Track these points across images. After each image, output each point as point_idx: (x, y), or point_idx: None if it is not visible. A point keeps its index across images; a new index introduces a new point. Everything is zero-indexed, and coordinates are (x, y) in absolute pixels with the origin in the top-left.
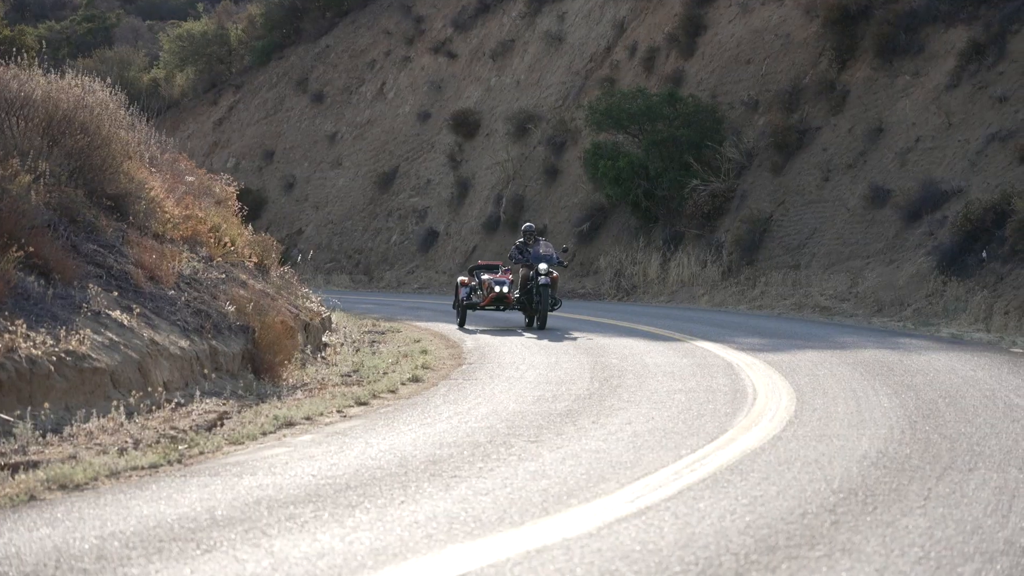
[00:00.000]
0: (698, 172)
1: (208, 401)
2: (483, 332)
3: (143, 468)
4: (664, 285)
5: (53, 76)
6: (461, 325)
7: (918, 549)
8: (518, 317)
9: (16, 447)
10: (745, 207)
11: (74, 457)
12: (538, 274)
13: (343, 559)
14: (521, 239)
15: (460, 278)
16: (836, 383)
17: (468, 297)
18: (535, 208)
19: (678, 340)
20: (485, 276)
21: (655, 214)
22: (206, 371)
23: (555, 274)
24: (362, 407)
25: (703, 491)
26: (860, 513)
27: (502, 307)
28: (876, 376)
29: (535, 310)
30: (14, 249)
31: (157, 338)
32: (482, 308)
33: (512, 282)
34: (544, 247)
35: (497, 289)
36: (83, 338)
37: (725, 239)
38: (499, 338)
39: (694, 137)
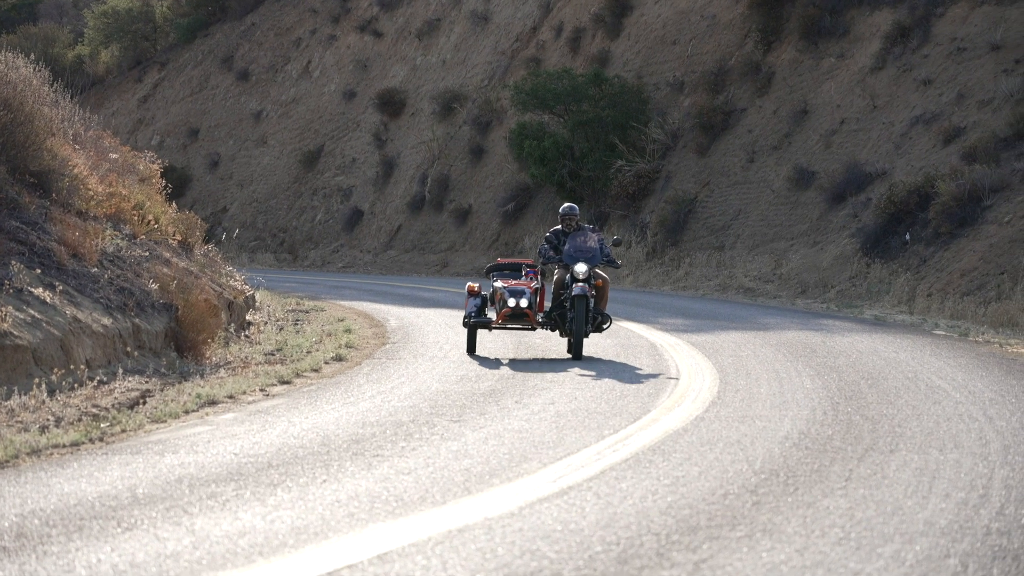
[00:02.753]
0: (623, 153)
1: (131, 379)
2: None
3: (64, 446)
4: None
5: None
6: (470, 351)
7: (838, 530)
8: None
9: None
10: (670, 188)
11: None
12: (574, 280)
13: (264, 537)
14: (558, 227)
15: (469, 284)
16: (759, 364)
17: (478, 312)
18: (460, 188)
19: None
20: (498, 283)
21: (580, 194)
22: (129, 349)
23: (600, 279)
24: (285, 386)
25: (625, 471)
26: (781, 494)
27: (528, 326)
28: (799, 357)
29: (568, 330)
30: None
31: (80, 316)
32: (497, 327)
33: (536, 291)
34: (589, 238)
35: (512, 303)
36: (5, 315)
37: (650, 220)
38: (423, 317)
39: (619, 118)
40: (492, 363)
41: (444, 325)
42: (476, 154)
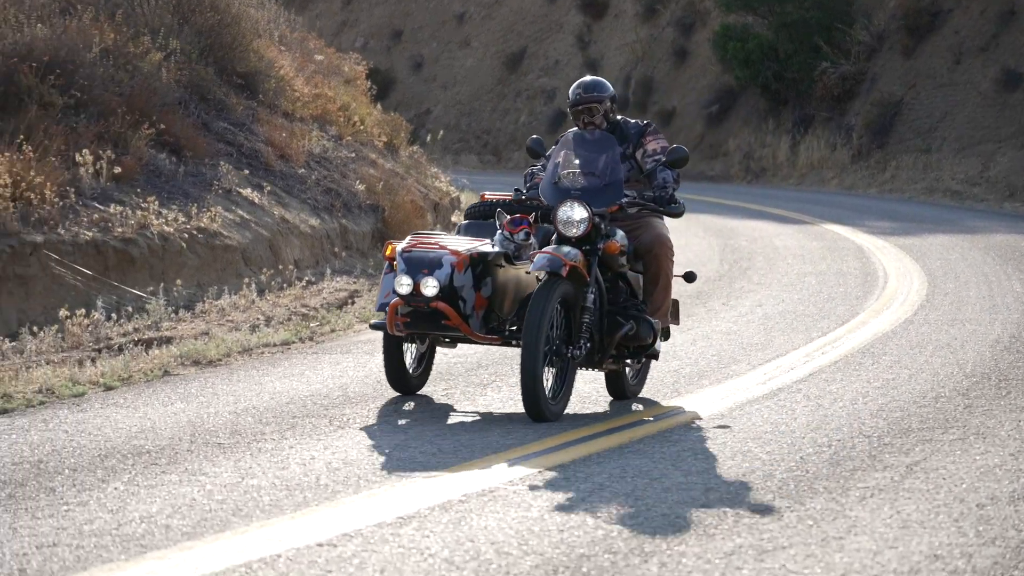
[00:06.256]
0: (828, 54)
1: (338, 279)
2: None
3: (275, 345)
4: (793, 168)
5: None
6: (392, 380)
7: None
8: None
9: (149, 323)
10: (875, 90)
11: (206, 333)
12: (559, 240)
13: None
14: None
15: (388, 242)
16: (967, 267)
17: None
18: (663, 90)
19: (807, 223)
20: (401, 245)
21: (784, 96)
22: (336, 249)
23: (616, 241)
24: None
25: (834, 374)
26: (993, 397)
27: (458, 336)
28: (1008, 261)
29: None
30: (146, 127)
31: (287, 216)
32: (397, 334)
33: (476, 258)
34: (613, 148)
35: (404, 288)
36: (214, 215)
37: (855, 122)
38: None
39: (824, 19)
40: (697, 265)
41: None
42: (679, 56)
